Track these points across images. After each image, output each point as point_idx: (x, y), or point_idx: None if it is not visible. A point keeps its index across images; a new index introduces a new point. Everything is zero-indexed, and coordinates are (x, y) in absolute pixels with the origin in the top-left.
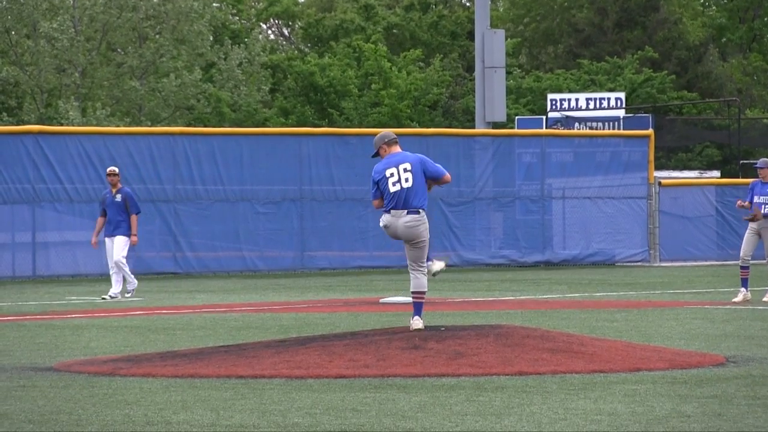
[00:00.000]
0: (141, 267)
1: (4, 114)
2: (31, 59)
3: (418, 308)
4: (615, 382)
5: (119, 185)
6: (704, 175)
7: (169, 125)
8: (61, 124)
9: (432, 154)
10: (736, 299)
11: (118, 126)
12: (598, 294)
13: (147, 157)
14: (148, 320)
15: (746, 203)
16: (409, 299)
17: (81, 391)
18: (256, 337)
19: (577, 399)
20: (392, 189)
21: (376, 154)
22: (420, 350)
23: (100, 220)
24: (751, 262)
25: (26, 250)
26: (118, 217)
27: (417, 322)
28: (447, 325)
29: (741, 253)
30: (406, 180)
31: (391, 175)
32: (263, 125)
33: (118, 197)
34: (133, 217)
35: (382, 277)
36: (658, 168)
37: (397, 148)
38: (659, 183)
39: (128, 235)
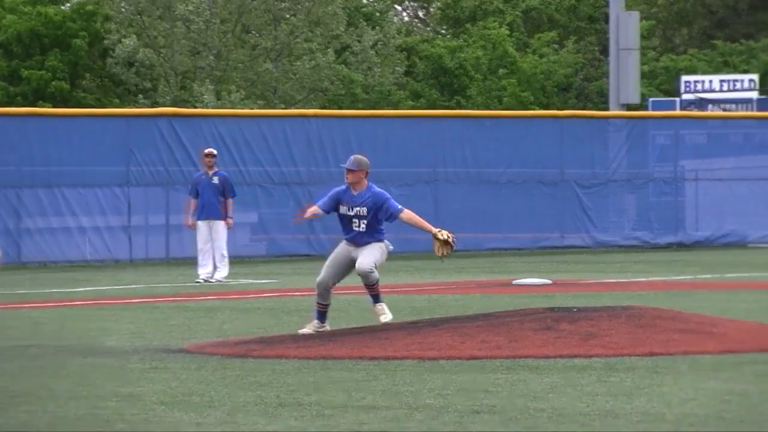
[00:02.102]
0: (275, 249)
1: (140, 96)
2: (165, 42)
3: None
4: (746, 362)
5: (215, 168)
6: None
7: (303, 107)
8: (195, 107)
9: (566, 136)
10: None
11: (252, 109)
12: (730, 275)
13: (281, 140)
14: (281, 302)
15: None
16: (543, 280)
17: (213, 373)
18: None
19: (708, 379)
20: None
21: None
22: (552, 331)
23: (192, 201)
24: None
25: (160, 232)
26: (213, 199)
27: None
28: (579, 306)
29: None
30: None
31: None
32: (396, 108)
33: (215, 180)
34: (230, 201)
35: (515, 259)
36: None
37: (363, 184)
38: None
39: (225, 219)
